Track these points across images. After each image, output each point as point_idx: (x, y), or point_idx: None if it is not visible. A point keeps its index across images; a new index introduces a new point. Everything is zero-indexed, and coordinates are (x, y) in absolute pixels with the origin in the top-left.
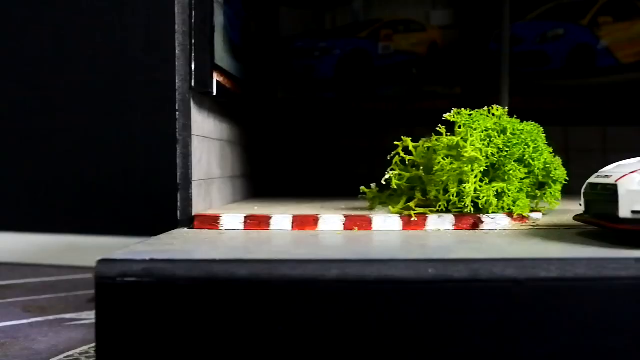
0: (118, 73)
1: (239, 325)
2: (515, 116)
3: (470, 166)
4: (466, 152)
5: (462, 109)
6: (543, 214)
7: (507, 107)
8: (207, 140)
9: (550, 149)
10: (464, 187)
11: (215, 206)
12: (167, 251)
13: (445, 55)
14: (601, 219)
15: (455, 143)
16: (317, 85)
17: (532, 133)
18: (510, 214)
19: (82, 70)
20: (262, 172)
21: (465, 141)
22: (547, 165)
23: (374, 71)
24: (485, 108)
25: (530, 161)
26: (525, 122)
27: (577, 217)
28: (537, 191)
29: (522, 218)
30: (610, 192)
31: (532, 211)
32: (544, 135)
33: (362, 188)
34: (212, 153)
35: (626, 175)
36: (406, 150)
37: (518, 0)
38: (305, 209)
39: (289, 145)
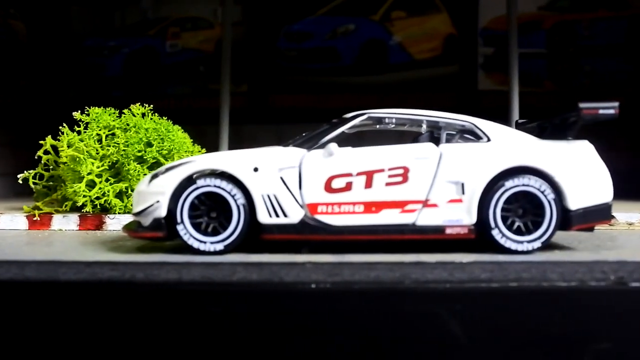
0: None
1: None
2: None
3: (85, 165)
4: (62, 151)
5: (93, 107)
6: None
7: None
8: None
9: (197, 149)
10: (77, 187)
11: None
12: None
13: (233, 52)
14: None
15: (68, 142)
16: (107, 83)
17: (159, 132)
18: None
19: None
20: None
21: (82, 141)
22: None
23: (161, 69)
24: (136, 105)
25: (163, 161)
26: (167, 122)
27: None
28: None
29: None
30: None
31: None
32: (185, 134)
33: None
34: None
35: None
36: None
37: None
38: None
39: None
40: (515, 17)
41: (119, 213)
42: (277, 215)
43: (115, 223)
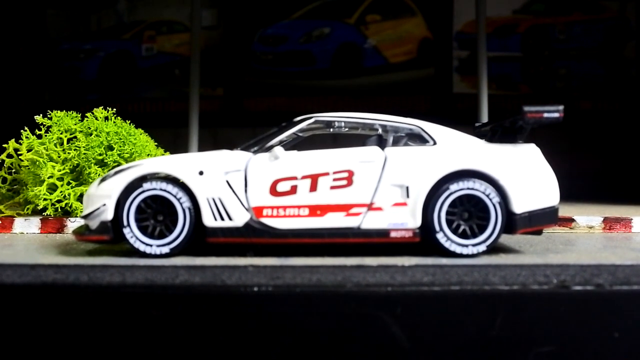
0: None
1: None
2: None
3: (45, 169)
4: (21, 155)
5: (55, 111)
6: None
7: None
8: None
9: (160, 152)
10: (38, 190)
11: None
12: None
13: (208, 56)
14: None
15: (28, 146)
16: (83, 87)
17: (120, 135)
18: None
19: None
20: None
21: (43, 145)
22: None
23: (137, 72)
24: (99, 109)
25: (125, 164)
26: (131, 125)
27: None
28: None
29: None
30: None
31: None
32: (148, 137)
33: None
34: None
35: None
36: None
37: None
38: None
39: None
40: (484, 21)
41: (80, 216)
42: (222, 219)
43: (77, 226)
